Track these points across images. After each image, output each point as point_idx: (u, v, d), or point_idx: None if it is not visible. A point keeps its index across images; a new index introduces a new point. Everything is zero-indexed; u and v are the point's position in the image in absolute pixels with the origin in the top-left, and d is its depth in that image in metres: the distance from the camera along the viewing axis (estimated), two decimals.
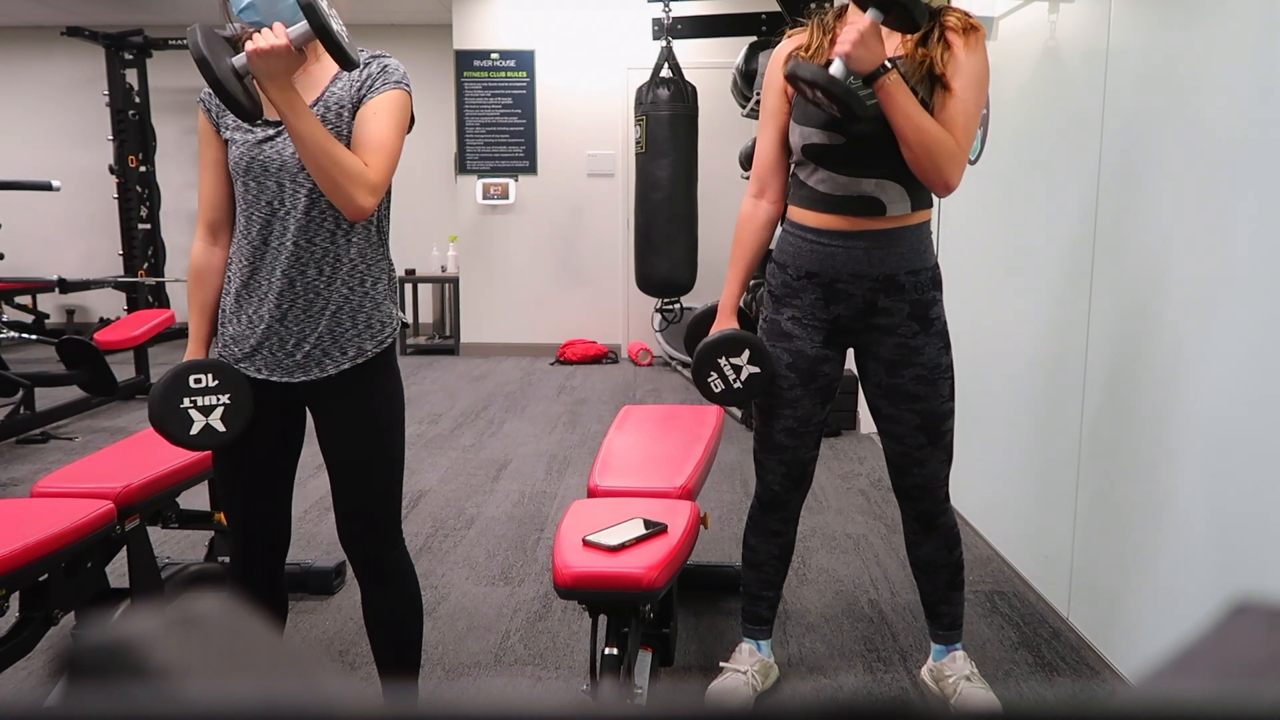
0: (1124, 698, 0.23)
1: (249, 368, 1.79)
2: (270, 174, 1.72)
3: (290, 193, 1.72)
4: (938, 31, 1.93)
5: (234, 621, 0.25)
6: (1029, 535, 2.91)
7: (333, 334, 1.77)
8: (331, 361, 1.77)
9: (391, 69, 1.75)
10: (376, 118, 1.71)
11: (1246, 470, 1.86)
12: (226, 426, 1.76)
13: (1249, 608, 0.26)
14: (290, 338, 1.76)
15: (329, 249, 1.74)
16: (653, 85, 5.62)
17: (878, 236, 1.99)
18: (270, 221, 1.73)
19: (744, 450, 4.34)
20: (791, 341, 2.09)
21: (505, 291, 7.37)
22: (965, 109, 1.91)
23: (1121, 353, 2.35)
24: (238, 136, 1.73)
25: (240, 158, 1.73)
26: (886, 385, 2.08)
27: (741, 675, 2.23)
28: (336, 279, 1.75)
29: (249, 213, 1.75)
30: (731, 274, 2.19)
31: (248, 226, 1.76)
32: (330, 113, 1.72)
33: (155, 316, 5.49)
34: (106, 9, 7.50)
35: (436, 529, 3.40)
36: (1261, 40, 1.84)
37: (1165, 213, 2.15)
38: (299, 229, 1.72)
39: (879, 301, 2.03)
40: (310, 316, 1.75)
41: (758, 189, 2.14)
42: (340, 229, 1.74)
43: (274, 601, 1.96)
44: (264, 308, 1.76)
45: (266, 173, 1.72)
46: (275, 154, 1.71)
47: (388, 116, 1.72)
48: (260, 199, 1.73)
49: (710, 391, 2.13)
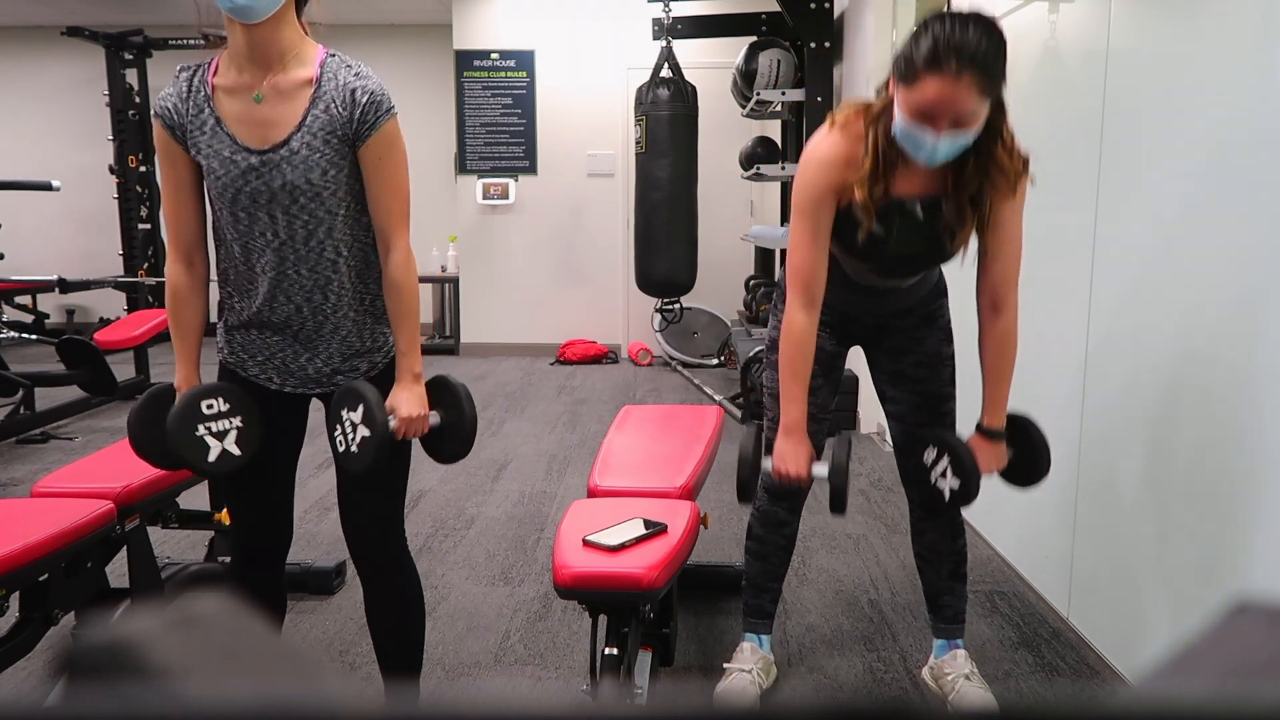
0: (1124, 698, 0.23)
1: (260, 377, 1.80)
2: (261, 205, 1.66)
3: (284, 224, 1.67)
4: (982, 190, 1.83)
5: (234, 621, 0.25)
6: (1029, 535, 2.91)
7: (343, 354, 1.78)
8: (343, 377, 1.79)
9: (378, 95, 1.66)
10: (384, 167, 1.67)
11: (1246, 470, 1.86)
12: (241, 449, 1.75)
13: (1249, 608, 0.26)
14: (302, 353, 1.77)
15: (332, 276, 1.72)
16: (653, 85, 5.62)
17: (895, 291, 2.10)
18: (266, 251, 1.69)
19: None
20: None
21: (505, 291, 7.37)
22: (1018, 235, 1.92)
23: (1121, 353, 2.35)
24: (216, 165, 1.65)
25: (225, 189, 1.66)
26: (890, 370, 2.18)
27: (747, 675, 2.23)
28: (343, 303, 1.74)
29: (244, 242, 1.70)
30: (794, 393, 1.99)
31: (245, 255, 1.71)
32: (316, 139, 1.63)
33: (155, 316, 5.49)
34: (106, 9, 7.50)
35: (436, 529, 3.40)
36: (1261, 40, 1.84)
37: (1165, 213, 2.15)
38: (299, 259, 1.69)
39: (889, 324, 2.16)
40: (321, 337, 1.76)
41: (807, 301, 1.95)
42: (341, 255, 1.72)
43: (274, 601, 1.96)
44: (271, 333, 1.76)
45: (257, 204, 1.66)
46: (264, 185, 1.64)
47: (396, 164, 1.69)
48: (254, 229, 1.68)
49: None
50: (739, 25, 5.80)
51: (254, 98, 1.63)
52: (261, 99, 1.63)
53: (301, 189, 1.64)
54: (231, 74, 1.64)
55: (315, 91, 1.64)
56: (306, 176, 1.63)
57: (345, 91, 1.64)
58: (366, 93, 1.64)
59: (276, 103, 1.63)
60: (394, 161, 1.69)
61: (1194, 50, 2.06)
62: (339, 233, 1.69)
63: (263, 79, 1.63)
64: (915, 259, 1.97)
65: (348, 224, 1.70)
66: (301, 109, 1.63)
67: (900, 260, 1.97)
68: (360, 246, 1.74)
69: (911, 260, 1.97)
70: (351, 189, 1.69)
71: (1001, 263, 1.93)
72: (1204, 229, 2.00)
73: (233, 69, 1.64)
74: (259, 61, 1.62)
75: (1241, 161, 1.88)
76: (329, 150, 1.64)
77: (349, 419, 1.70)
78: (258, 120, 1.63)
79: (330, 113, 1.63)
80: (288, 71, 1.63)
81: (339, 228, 1.69)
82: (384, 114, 1.66)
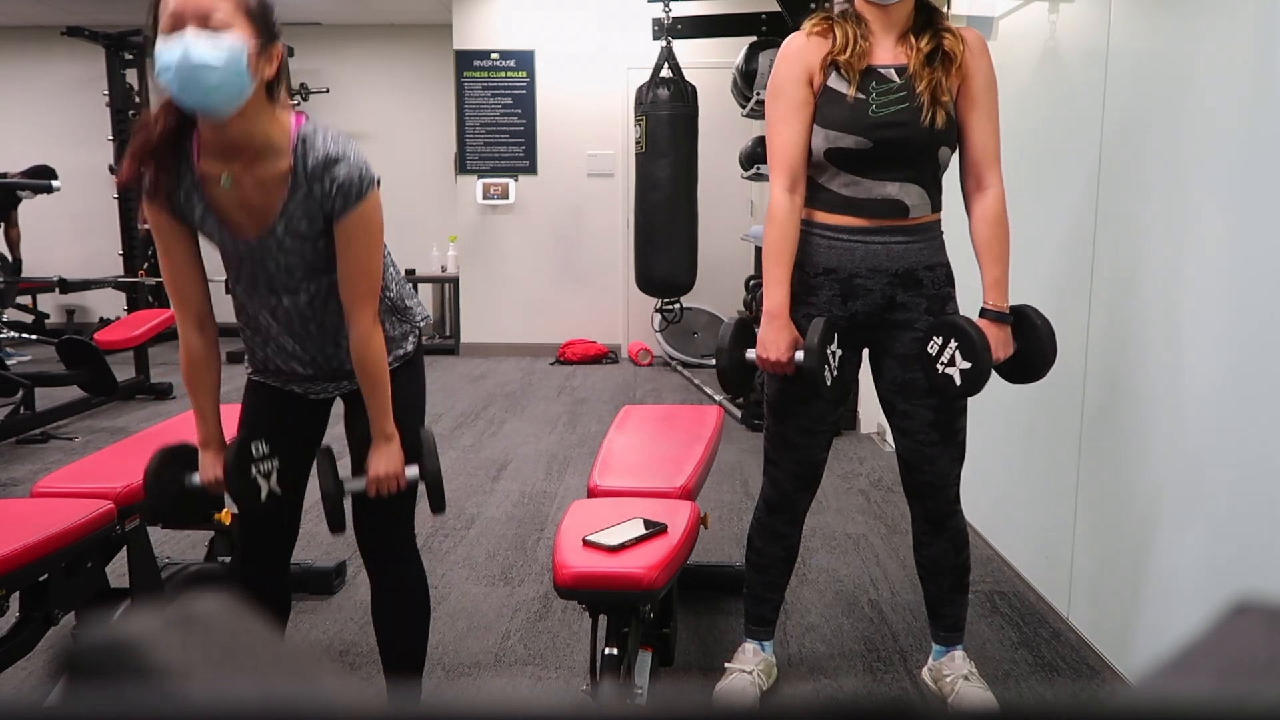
0: (1124, 698, 0.23)
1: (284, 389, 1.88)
2: (261, 282, 1.72)
3: (288, 296, 1.73)
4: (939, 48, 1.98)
5: (234, 621, 0.25)
6: (1029, 535, 2.91)
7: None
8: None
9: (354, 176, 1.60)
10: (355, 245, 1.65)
11: (1246, 469, 1.86)
12: (281, 487, 1.82)
13: (1249, 608, 0.26)
14: (321, 376, 1.85)
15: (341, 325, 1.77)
16: (653, 85, 5.62)
17: (895, 232, 2.01)
18: (274, 317, 1.76)
19: (744, 450, 4.35)
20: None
21: (505, 291, 7.37)
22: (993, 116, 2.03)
23: (1122, 353, 2.35)
24: (214, 243, 1.71)
25: (227, 264, 1.73)
26: (902, 381, 2.08)
27: (747, 675, 2.23)
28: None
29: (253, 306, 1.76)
30: (779, 275, 2.00)
31: (256, 314, 1.77)
32: (300, 224, 1.63)
33: (155, 316, 5.49)
34: (106, 9, 7.49)
35: (436, 529, 3.40)
36: (1261, 40, 1.84)
37: (1165, 213, 2.15)
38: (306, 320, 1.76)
39: (897, 296, 2.04)
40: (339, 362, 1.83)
41: (790, 183, 2.00)
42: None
43: (277, 601, 1.96)
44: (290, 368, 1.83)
45: (256, 282, 1.72)
46: (260, 269, 1.70)
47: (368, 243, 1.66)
48: (257, 299, 1.74)
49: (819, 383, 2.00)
50: (739, 25, 5.79)
51: (222, 182, 1.59)
52: (230, 183, 1.59)
53: (296, 266, 1.68)
54: (210, 161, 1.60)
55: (293, 181, 1.60)
56: (300, 256, 1.67)
57: (321, 174, 1.60)
58: (341, 176, 1.60)
59: (256, 194, 1.61)
60: (366, 240, 1.66)
61: (1194, 50, 2.06)
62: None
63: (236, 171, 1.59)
64: (903, 128, 1.94)
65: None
66: (280, 200, 1.61)
67: (886, 127, 1.93)
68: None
69: (899, 127, 1.94)
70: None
71: (980, 136, 2.02)
72: (1204, 229, 2.00)
73: (210, 156, 1.60)
74: (230, 155, 1.58)
75: (1241, 161, 1.88)
76: (313, 229, 1.65)
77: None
78: (242, 208, 1.63)
79: (310, 196, 1.61)
80: (265, 162, 1.59)
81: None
82: (359, 196, 1.61)
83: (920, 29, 1.98)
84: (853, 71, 1.95)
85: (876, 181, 1.98)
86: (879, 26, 1.98)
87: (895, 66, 1.98)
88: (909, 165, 1.98)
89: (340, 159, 1.60)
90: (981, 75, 2.01)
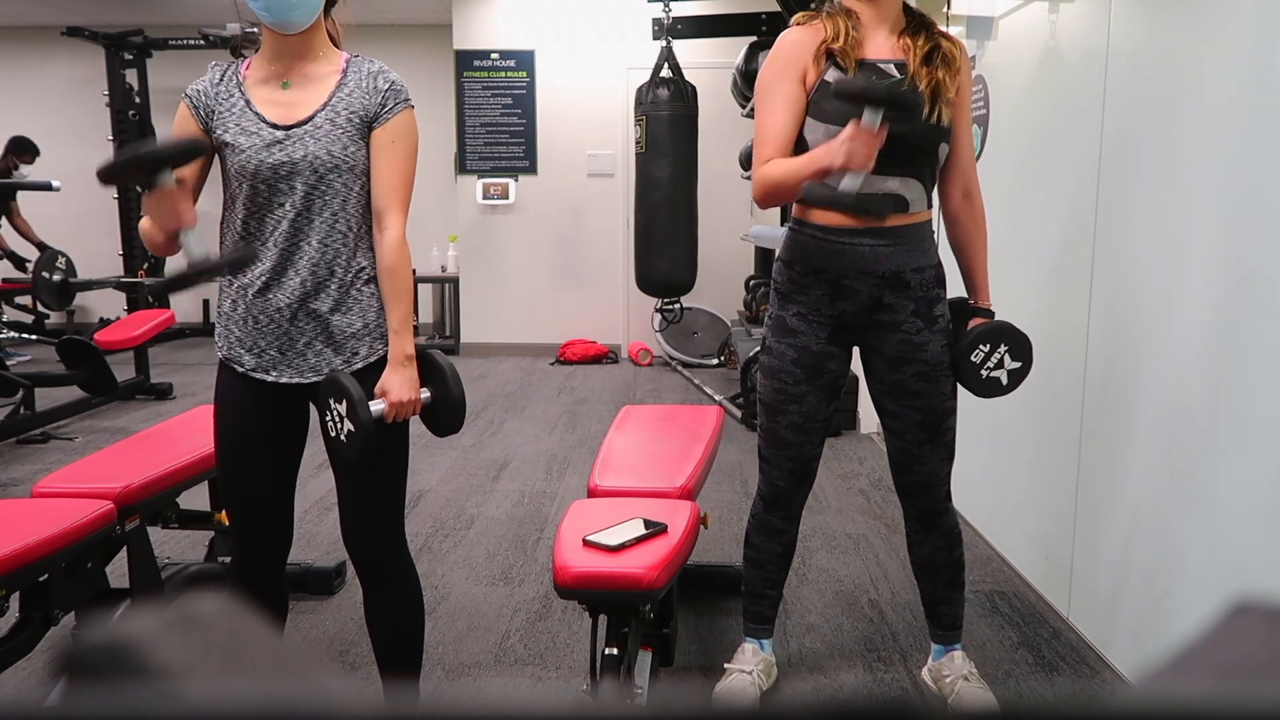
0: (1124, 698, 0.23)
1: (257, 371, 1.80)
2: (282, 177, 1.73)
3: (302, 195, 1.74)
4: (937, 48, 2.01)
5: (234, 621, 0.25)
6: (1029, 535, 2.91)
7: (344, 333, 1.79)
8: (343, 361, 1.80)
9: (399, 85, 1.81)
10: (394, 150, 1.78)
11: (1246, 469, 1.86)
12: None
13: (1249, 608, 0.26)
14: (301, 337, 1.78)
15: (341, 250, 1.77)
16: (653, 85, 5.62)
17: (883, 234, 2.00)
18: (281, 222, 1.75)
19: (744, 450, 4.35)
20: (797, 337, 2.09)
21: (505, 291, 7.37)
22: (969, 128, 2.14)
23: (1121, 353, 2.35)
24: (242, 141, 1.73)
25: (248, 162, 1.73)
26: (889, 381, 2.09)
27: (747, 675, 2.23)
28: (346, 280, 1.78)
29: (260, 215, 1.75)
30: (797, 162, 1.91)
31: (260, 229, 1.76)
32: (340, 117, 1.75)
33: (155, 316, 5.49)
34: (106, 9, 7.50)
35: (436, 529, 3.40)
36: (1260, 40, 1.84)
37: (1165, 213, 2.15)
38: (311, 230, 1.75)
39: (884, 298, 2.04)
40: (320, 317, 1.78)
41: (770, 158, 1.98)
42: (351, 231, 1.78)
43: (275, 602, 1.96)
44: (275, 309, 1.77)
45: (278, 176, 1.73)
46: (287, 157, 1.72)
47: (405, 150, 1.80)
48: (272, 200, 1.74)
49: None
50: (739, 25, 5.80)
51: (282, 85, 1.77)
52: (290, 85, 1.77)
53: (322, 160, 1.73)
54: (263, 69, 1.79)
55: (341, 79, 1.78)
56: (328, 149, 1.73)
57: (369, 78, 1.78)
58: (389, 80, 1.80)
59: (304, 88, 1.77)
60: (404, 147, 1.79)
61: (1194, 50, 2.06)
62: (351, 208, 1.77)
63: (292, 70, 1.78)
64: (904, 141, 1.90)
65: (360, 204, 1.79)
66: (327, 92, 1.77)
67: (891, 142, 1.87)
68: (368, 230, 1.81)
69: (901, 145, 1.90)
70: (367, 170, 1.79)
71: (965, 145, 2.11)
72: (1204, 228, 2.00)
73: (264, 66, 1.79)
74: (290, 59, 1.77)
75: (1241, 161, 1.88)
76: (350, 129, 1.76)
77: (336, 409, 1.74)
78: (285, 102, 1.76)
79: (354, 95, 1.76)
80: (318, 65, 1.79)
81: (352, 203, 1.77)
82: (402, 102, 1.80)
83: (915, 31, 2.02)
84: (849, 61, 1.95)
85: (878, 176, 1.95)
86: (869, 19, 2.00)
87: (894, 62, 2.00)
88: (910, 160, 1.98)
89: (389, 71, 1.82)
90: (967, 85, 2.09)
